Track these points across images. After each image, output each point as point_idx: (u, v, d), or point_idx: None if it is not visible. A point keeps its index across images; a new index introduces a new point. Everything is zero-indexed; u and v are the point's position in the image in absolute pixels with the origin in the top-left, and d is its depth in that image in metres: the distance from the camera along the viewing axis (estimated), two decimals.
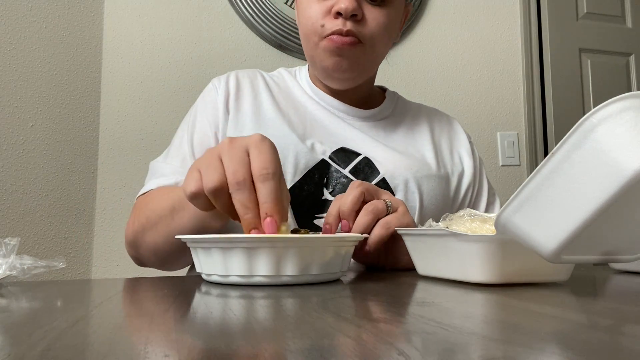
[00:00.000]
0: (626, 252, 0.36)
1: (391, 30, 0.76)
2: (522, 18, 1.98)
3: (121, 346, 0.22)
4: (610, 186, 0.29)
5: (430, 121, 0.87)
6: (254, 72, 0.85)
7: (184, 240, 0.46)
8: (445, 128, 0.88)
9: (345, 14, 0.69)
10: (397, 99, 0.90)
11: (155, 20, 1.70)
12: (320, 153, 0.74)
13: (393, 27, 0.76)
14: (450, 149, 0.84)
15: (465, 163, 0.84)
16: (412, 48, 1.89)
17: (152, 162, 0.77)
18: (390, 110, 0.86)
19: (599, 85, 2.03)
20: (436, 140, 0.84)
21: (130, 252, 0.73)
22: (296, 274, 0.42)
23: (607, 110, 0.30)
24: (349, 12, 0.69)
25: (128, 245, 0.72)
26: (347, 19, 0.70)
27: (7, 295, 0.39)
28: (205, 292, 0.40)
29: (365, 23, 0.72)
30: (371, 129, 0.81)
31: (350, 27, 0.70)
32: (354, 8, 0.69)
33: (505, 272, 0.40)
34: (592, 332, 0.24)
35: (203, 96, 0.82)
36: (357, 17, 0.70)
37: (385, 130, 0.82)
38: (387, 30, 0.74)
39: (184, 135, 0.78)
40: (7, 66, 1.48)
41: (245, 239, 0.41)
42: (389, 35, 0.76)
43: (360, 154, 0.75)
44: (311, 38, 0.73)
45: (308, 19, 0.73)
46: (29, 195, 1.48)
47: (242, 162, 0.45)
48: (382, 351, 0.20)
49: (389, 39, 0.77)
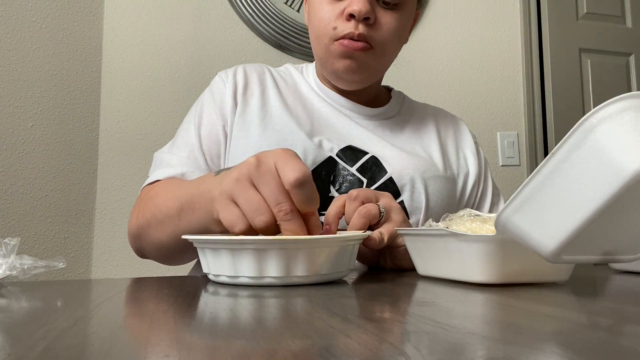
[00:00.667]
0: (626, 252, 0.36)
1: (402, 35, 0.76)
2: (522, 18, 1.98)
3: (121, 346, 0.22)
4: (610, 186, 0.29)
5: (437, 121, 0.87)
6: (262, 67, 0.85)
7: (192, 241, 0.46)
8: (451, 128, 0.87)
9: (358, 16, 0.68)
10: (402, 98, 0.90)
11: (155, 21, 1.70)
12: (327, 150, 0.73)
13: (404, 31, 0.76)
14: (456, 150, 0.84)
15: (470, 164, 0.84)
16: (412, 48, 1.89)
17: (157, 153, 0.76)
18: (396, 109, 0.85)
19: (599, 85, 2.03)
20: (442, 141, 0.84)
21: (133, 244, 0.72)
22: (306, 275, 0.42)
23: (607, 110, 0.30)
24: (362, 14, 0.68)
25: (131, 238, 0.72)
26: (359, 22, 0.69)
27: (7, 295, 0.39)
28: (209, 292, 0.40)
29: (378, 27, 0.71)
30: (377, 128, 0.81)
31: (362, 31, 0.69)
32: (367, 11, 0.68)
33: (505, 272, 0.40)
34: (592, 332, 0.24)
35: (210, 88, 0.81)
36: (369, 20, 0.70)
37: (391, 129, 0.82)
38: (398, 35, 0.74)
39: (190, 127, 0.77)
40: (7, 66, 1.48)
41: (256, 240, 0.41)
42: (399, 40, 0.75)
43: (368, 152, 0.75)
44: (322, 40, 0.73)
45: (320, 20, 0.72)
46: (29, 195, 1.48)
47: (281, 189, 0.44)
48: (382, 351, 0.20)
49: (399, 43, 0.77)
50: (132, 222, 0.70)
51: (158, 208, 0.64)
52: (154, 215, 0.64)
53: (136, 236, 0.69)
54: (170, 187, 0.66)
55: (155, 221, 0.64)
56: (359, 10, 0.68)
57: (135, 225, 0.69)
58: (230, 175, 0.47)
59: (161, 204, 0.64)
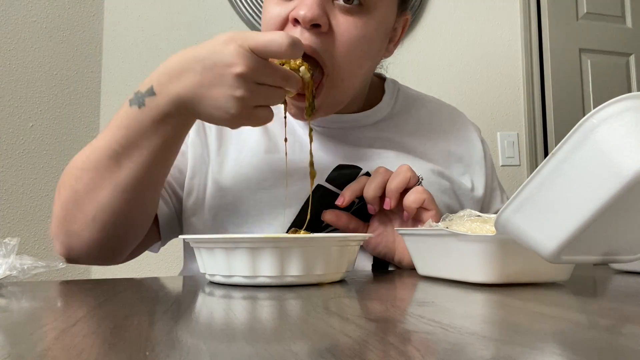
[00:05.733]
0: (626, 252, 0.36)
1: (372, 46, 0.59)
2: (522, 18, 1.98)
3: (121, 346, 0.22)
4: (610, 187, 0.29)
5: (437, 126, 0.74)
6: None
7: (187, 241, 0.45)
8: (453, 135, 0.74)
9: (303, 22, 0.53)
10: (397, 90, 0.76)
11: (155, 21, 1.70)
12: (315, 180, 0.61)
13: (373, 42, 0.59)
14: (459, 158, 0.72)
15: (477, 181, 0.72)
16: (412, 48, 1.89)
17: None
18: (389, 108, 0.73)
19: (599, 85, 2.03)
20: (444, 149, 0.72)
21: (60, 239, 0.55)
22: (300, 274, 0.42)
23: (608, 111, 0.30)
24: (307, 20, 0.53)
25: (55, 234, 0.56)
26: (306, 29, 0.54)
27: (7, 295, 0.39)
28: (206, 293, 0.40)
29: (333, 36, 0.55)
30: (369, 138, 0.69)
31: (309, 42, 0.54)
32: (316, 16, 0.53)
33: (505, 272, 0.40)
34: (592, 332, 0.24)
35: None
36: (320, 27, 0.54)
37: (382, 138, 0.69)
38: (365, 47, 0.57)
39: None
40: (7, 66, 1.48)
41: (250, 239, 0.41)
42: (366, 54, 0.58)
43: (361, 168, 0.64)
44: None
45: (266, 25, 0.58)
46: (29, 195, 1.48)
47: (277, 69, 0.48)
48: (382, 351, 0.20)
49: (368, 58, 0.60)
50: (54, 212, 0.56)
51: (82, 169, 0.53)
52: (79, 178, 0.53)
53: (63, 220, 0.54)
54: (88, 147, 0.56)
55: (84, 184, 0.52)
56: (304, 15, 0.52)
57: (59, 208, 0.55)
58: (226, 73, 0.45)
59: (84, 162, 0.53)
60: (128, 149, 0.51)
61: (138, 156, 0.51)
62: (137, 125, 0.51)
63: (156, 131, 0.51)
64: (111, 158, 0.51)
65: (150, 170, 0.53)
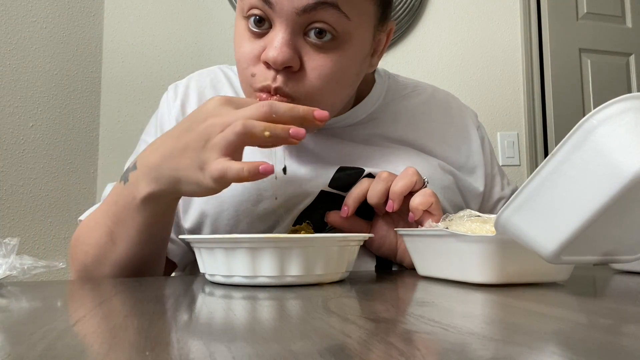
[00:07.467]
0: (626, 252, 0.36)
1: (348, 75, 0.58)
2: (522, 18, 1.98)
3: (121, 346, 0.22)
4: (610, 188, 0.29)
5: (432, 115, 0.73)
6: (218, 74, 0.71)
7: (188, 240, 0.46)
8: (449, 124, 0.74)
9: (274, 65, 0.53)
10: (387, 79, 0.74)
11: (155, 21, 1.70)
12: (317, 186, 0.62)
13: (351, 69, 0.58)
14: (457, 148, 0.72)
15: (477, 174, 0.72)
16: (411, 48, 1.89)
17: (108, 185, 0.68)
18: (380, 99, 0.71)
19: (599, 85, 2.03)
20: (440, 140, 0.71)
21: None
22: (300, 274, 0.42)
23: (608, 111, 0.30)
24: (278, 64, 0.53)
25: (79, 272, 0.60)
26: (278, 72, 0.54)
27: (7, 295, 0.39)
28: (206, 293, 0.40)
29: (304, 75, 0.55)
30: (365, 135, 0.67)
31: (280, 84, 0.54)
32: (285, 59, 0.53)
33: (505, 272, 0.40)
34: (592, 332, 0.24)
35: (156, 113, 0.72)
36: (292, 68, 0.54)
37: (377, 134, 0.68)
38: (339, 78, 0.57)
39: (132, 158, 0.66)
40: (7, 66, 1.48)
41: (250, 239, 0.41)
42: (343, 83, 0.58)
43: (363, 169, 0.63)
44: (243, 84, 0.59)
45: (239, 61, 0.58)
46: (29, 195, 1.48)
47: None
48: (382, 351, 0.20)
49: (346, 86, 0.60)
50: (70, 266, 0.61)
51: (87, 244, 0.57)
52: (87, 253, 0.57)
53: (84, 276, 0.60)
54: (90, 218, 0.61)
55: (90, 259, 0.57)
56: (274, 59, 0.52)
57: (73, 272, 0.60)
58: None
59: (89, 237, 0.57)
60: (119, 226, 0.53)
61: (126, 236, 0.53)
62: (123, 200, 0.52)
63: (141, 207, 0.51)
64: (107, 235, 0.54)
65: (142, 248, 0.54)
